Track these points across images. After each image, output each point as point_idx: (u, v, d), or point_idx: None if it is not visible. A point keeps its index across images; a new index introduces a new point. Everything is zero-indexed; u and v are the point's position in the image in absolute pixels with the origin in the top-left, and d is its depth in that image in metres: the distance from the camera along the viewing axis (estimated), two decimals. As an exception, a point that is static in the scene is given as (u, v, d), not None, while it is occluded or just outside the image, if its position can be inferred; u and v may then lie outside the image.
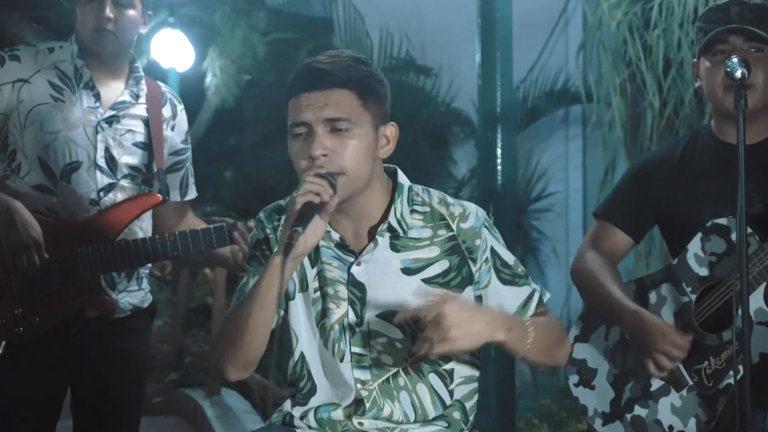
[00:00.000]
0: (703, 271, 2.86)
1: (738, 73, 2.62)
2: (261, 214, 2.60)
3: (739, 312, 2.54)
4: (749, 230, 2.74)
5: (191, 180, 3.60)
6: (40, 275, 3.25)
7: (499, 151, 3.91)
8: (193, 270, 8.75)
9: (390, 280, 2.48)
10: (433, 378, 2.50)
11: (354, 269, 2.49)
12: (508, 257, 2.55)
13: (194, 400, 7.07)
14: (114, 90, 3.41)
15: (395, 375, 2.49)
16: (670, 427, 2.87)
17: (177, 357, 7.98)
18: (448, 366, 2.51)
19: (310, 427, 2.53)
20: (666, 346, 2.78)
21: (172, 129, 3.51)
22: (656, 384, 2.90)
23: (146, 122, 3.43)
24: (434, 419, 2.51)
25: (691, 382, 2.84)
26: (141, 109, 3.43)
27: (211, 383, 6.95)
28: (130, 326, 3.42)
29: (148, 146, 3.42)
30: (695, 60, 2.96)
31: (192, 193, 3.60)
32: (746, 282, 2.52)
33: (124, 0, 3.30)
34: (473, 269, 2.49)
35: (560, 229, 8.69)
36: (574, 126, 8.45)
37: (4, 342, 3.30)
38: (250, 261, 2.57)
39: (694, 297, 2.86)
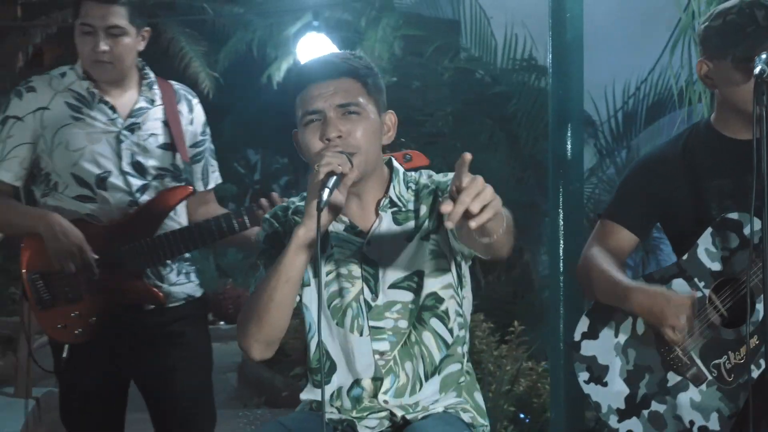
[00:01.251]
0: (716, 266, 2.87)
1: (765, 73, 2.62)
2: (267, 215, 2.77)
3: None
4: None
5: (212, 169, 3.76)
6: (89, 277, 3.45)
7: (569, 152, 3.95)
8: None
9: (397, 249, 2.66)
10: (434, 322, 2.67)
11: (365, 248, 2.66)
12: None
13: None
14: (128, 99, 3.58)
15: (408, 335, 2.65)
16: (691, 423, 2.88)
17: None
18: (443, 307, 2.67)
19: (339, 410, 2.68)
20: (674, 308, 2.80)
21: (191, 123, 3.68)
22: (673, 379, 2.92)
23: (165, 123, 3.59)
24: (444, 360, 2.66)
25: (710, 377, 2.86)
26: (158, 112, 3.60)
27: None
28: (185, 313, 3.61)
29: (171, 146, 3.58)
30: (703, 60, 2.94)
31: (213, 182, 3.76)
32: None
33: (116, 30, 3.46)
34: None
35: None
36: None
37: (67, 345, 3.51)
38: (260, 256, 2.72)
39: (707, 292, 2.87)
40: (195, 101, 3.73)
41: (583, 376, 3.05)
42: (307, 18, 10.37)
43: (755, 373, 2.78)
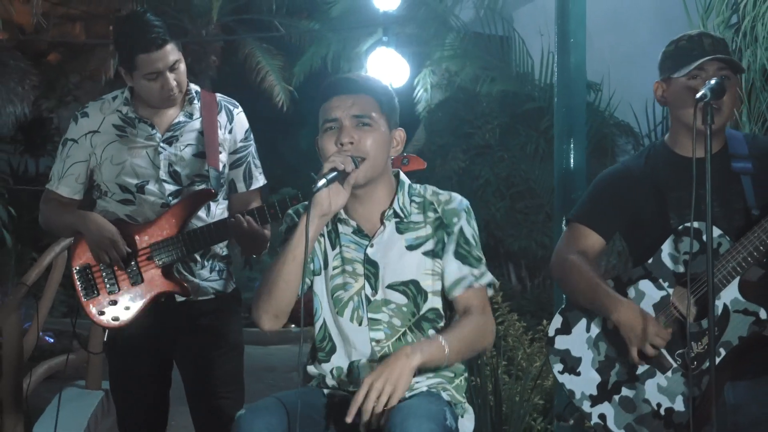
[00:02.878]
0: (679, 268, 3.17)
1: (709, 94, 2.96)
2: (290, 211, 3.16)
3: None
4: (720, 231, 3.10)
5: (255, 171, 4.03)
6: (125, 271, 3.83)
7: (572, 164, 4.25)
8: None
9: (397, 256, 3.04)
10: (432, 333, 3.02)
11: (368, 250, 3.05)
12: (472, 241, 3.05)
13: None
14: (170, 115, 3.93)
15: (404, 334, 3.03)
16: (658, 405, 3.19)
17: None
18: (443, 323, 3.05)
19: (339, 385, 3.06)
20: (654, 338, 3.11)
21: (230, 132, 3.97)
22: (642, 368, 3.21)
23: (201, 133, 3.91)
24: (429, 372, 3.01)
25: (675, 365, 3.16)
26: (196, 124, 3.92)
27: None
28: (215, 307, 3.92)
29: (205, 154, 3.89)
30: (660, 81, 3.26)
31: (257, 183, 4.03)
32: (712, 277, 2.89)
33: (176, 64, 3.81)
34: (446, 239, 3.03)
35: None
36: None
37: (106, 331, 3.91)
38: (281, 245, 3.09)
39: (671, 291, 3.18)
40: (236, 111, 4.00)
41: (558, 367, 3.36)
42: (378, 34, 10.79)
43: (715, 360, 3.06)
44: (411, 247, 3.05)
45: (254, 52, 13.22)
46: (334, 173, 2.89)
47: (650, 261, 3.24)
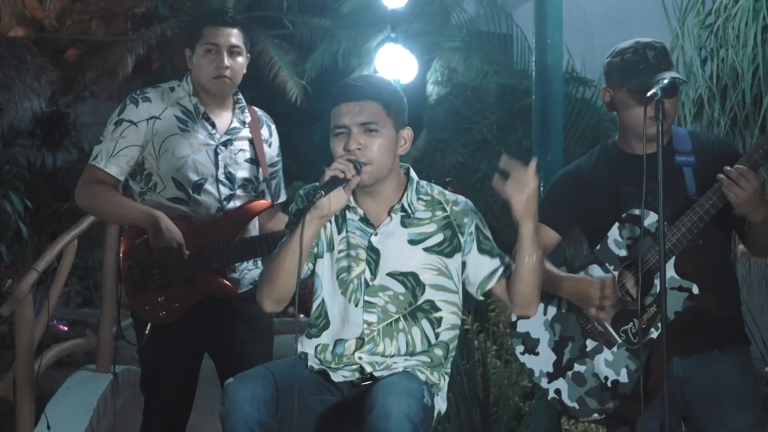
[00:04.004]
0: (623, 252, 3.43)
1: (660, 93, 3.20)
2: (301, 192, 3.35)
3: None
4: (657, 217, 3.31)
5: (282, 186, 4.23)
6: (178, 268, 3.89)
7: (549, 156, 4.46)
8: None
9: (399, 248, 3.27)
10: (425, 323, 3.26)
11: (373, 238, 3.28)
12: (489, 235, 3.31)
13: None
14: (225, 119, 4.05)
15: (396, 320, 3.24)
16: (605, 378, 3.44)
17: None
18: (437, 314, 3.26)
19: (321, 362, 3.28)
20: (597, 291, 3.37)
21: (269, 146, 4.15)
22: (591, 345, 3.48)
23: (251, 142, 4.07)
24: (419, 353, 3.25)
25: (620, 340, 3.42)
26: (247, 132, 4.07)
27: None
28: (250, 295, 3.89)
29: (255, 161, 4.05)
30: (606, 88, 3.49)
31: (281, 197, 4.21)
32: (664, 257, 3.15)
33: (236, 49, 3.96)
34: (461, 240, 3.27)
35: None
36: None
37: (150, 324, 3.93)
38: (288, 226, 3.36)
39: (616, 273, 3.43)
40: (273, 127, 4.19)
41: (519, 348, 3.63)
42: (387, 31, 10.84)
43: (654, 335, 3.34)
44: (413, 242, 3.26)
45: (267, 49, 13.41)
46: (336, 183, 3.09)
47: (598, 248, 3.50)
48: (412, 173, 3.35)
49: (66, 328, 9.27)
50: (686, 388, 3.42)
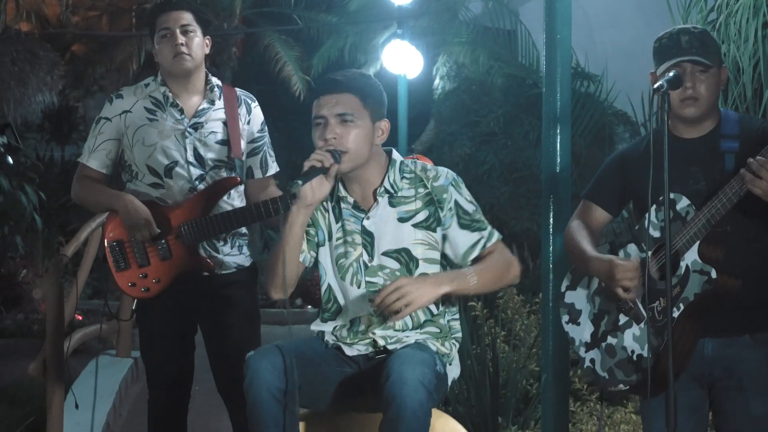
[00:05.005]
0: (656, 234, 3.57)
1: (666, 85, 3.35)
2: (299, 181, 3.50)
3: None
4: (689, 202, 3.49)
5: (270, 160, 4.40)
6: (155, 247, 4.16)
7: (558, 146, 4.60)
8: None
9: (390, 228, 3.50)
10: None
11: (365, 222, 3.51)
12: (469, 207, 3.49)
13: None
14: (194, 102, 4.28)
15: None
16: (632, 351, 3.59)
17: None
18: None
19: (337, 338, 3.53)
20: (621, 273, 3.52)
21: (248, 123, 4.35)
22: (623, 319, 3.63)
23: (225, 123, 4.27)
24: (425, 323, 3.48)
25: (646, 317, 3.55)
26: (219, 113, 4.28)
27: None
28: (235, 279, 4.30)
29: (227, 142, 4.25)
30: (653, 72, 3.62)
31: (271, 170, 4.40)
32: (669, 241, 3.34)
33: (188, 28, 4.20)
34: (441, 215, 3.47)
35: None
36: None
37: (135, 299, 4.30)
38: (281, 219, 3.55)
39: (650, 253, 3.56)
40: (254, 105, 4.39)
41: (565, 318, 3.81)
42: (394, 27, 11.16)
43: (675, 314, 3.46)
44: (402, 219, 3.48)
45: (273, 44, 13.50)
46: (314, 172, 3.33)
47: (636, 227, 3.67)
48: (395, 154, 3.55)
49: (81, 318, 9.46)
50: (714, 368, 3.55)
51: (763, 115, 5.45)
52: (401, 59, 11.26)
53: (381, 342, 3.48)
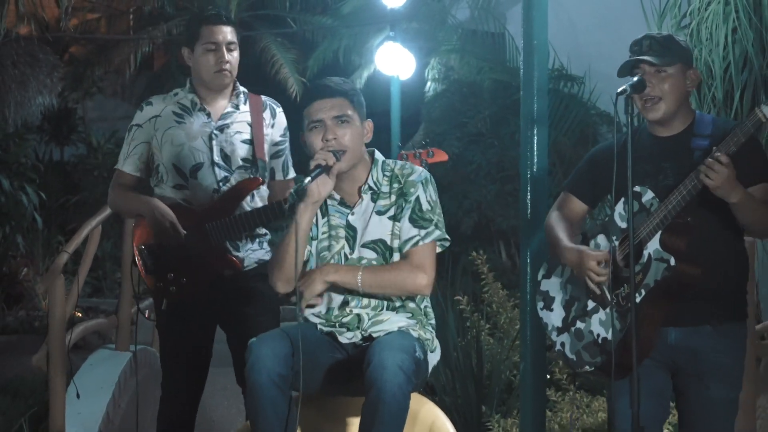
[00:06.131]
0: (624, 225, 3.72)
1: (629, 89, 3.59)
2: (291, 190, 3.71)
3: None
4: (653, 195, 3.65)
5: (290, 163, 4.55)
6: (182, 248, 4.25)
7: (535, 147, 4.70)
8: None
9: (371, 222, 3.72)
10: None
11: (350, 217, 3.74)
12: (425, 206, 3.69)
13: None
14: (221, 106, 4.43)
15: None
16: (598, 335, 3.76)
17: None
18: None
19: (326, 322, 3.73)
20: (589, 263, 3.70)
21: (272, 127, 4.49)
22: (591, 305, 3.80)
23: (250, 125, 4.42)
24: (399, 308, 3.71)
25: (612, 303, 3.71)
26: (245, 116, 4.43)
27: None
28: (256, 273, 4.35)
29: (252, 143, 4.39)
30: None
31: (291, 173, 4.54)
32: (632, 232, 3.53)
33: (232, 46, 4.38)
34: (404, 206, 3.70)
35: None
36: None
37: (165, 300, 4.34)
38: (287, 217, 3.74)
39: (617, 243, 3.73)
40: (279, 110, 4.51)
41: (540, 304, 3.97)
42: (387, 30, 11.00)
43: (637, 299, 3.61)
44: (379, 213, 3.72)
45: (269, 46, 13.61)
46: (319, 170, 3.56)
47: (606, 219, 3.84)
48: (377, 154, 3.78)
49: (80, 315, 9.63)
50: (678, 356, 3.70)
51: (734, 116, 5.65)
52: (394, 61, 11.17)
53: (365, 318, 3.69)
